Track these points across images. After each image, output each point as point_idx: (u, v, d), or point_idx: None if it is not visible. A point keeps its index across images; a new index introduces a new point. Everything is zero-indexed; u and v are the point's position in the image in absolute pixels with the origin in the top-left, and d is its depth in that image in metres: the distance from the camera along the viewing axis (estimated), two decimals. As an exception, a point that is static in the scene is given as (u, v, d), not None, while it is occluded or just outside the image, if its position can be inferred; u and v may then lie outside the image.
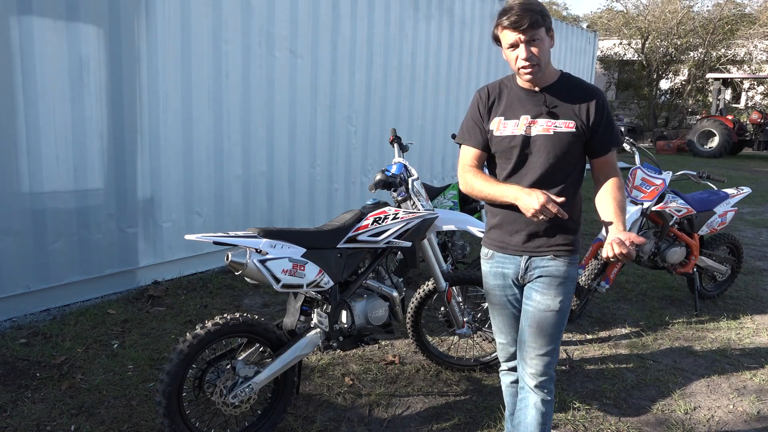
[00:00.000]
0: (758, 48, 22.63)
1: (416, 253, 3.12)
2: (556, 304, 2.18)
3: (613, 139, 2.14)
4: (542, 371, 2.23)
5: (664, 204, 4.30)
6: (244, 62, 5.17)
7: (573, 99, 2.12)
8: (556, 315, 2.19)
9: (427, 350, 3.50)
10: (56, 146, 4.06)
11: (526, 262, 2.22)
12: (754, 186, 11.57)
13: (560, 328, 2.22)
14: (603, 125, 2.11)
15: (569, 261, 2.20)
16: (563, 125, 2.10)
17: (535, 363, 2.23)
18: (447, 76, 7.92)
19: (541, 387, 2.25)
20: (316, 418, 2.97)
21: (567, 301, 2.21)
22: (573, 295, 2.25)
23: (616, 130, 2.15)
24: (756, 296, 5.11)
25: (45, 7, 3.87)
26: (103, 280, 4.51)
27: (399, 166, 3.14)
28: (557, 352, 2.26)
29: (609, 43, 25.04)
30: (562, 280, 2.18)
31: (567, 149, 2.11)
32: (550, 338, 2.21)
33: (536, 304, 2.20)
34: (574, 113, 2.11)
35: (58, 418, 2.89)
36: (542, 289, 2.19)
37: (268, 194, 5.62)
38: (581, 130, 2.10)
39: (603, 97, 2.13)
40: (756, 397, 3.36)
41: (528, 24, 1.99)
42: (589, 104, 2.10)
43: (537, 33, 2.02)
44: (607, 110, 2.12)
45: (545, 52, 2.06)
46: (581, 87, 2.14)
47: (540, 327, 2.20)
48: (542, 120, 2.12)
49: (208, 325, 2.51)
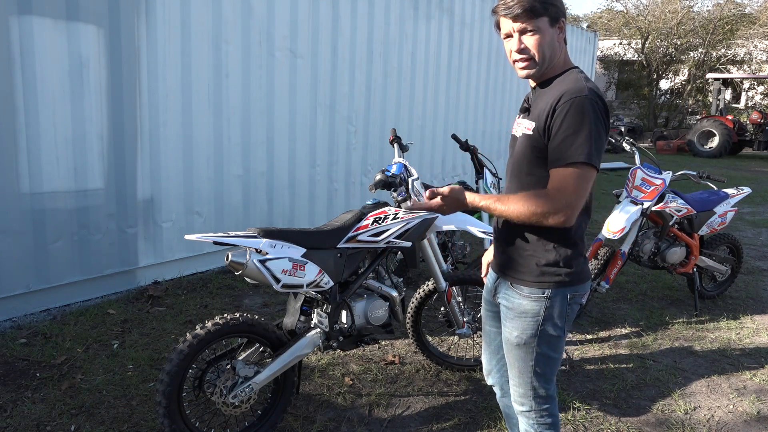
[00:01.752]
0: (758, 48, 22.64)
1: (416, 253, 3.12)
2: (513, 338, 1.92)
3: (556, 154, 1.70)
4: (520, 401, 2.01)
5: (664, 204, 4.30)
6: (244, 62, 5.17)
7: (546, 99, 1.78)
8: (517, 349, 1.92)
9: (427, 350, 3.50)
10: (56, 146, 4.06)
11: (495, 282, 2.03)
12: (754, 186, 11.57)
13: (527, 363, 1.92)
14: (555, 133, 1.71)
15: (529, 293, 1.85)
16: (528, 127, 1.82)
17: (513, 391, 2.03)
18: (447, 76, 7.92)
19: (525, 416, 2.02)
20: (316, 418, 2.97)
21: (527, 337, 1.88)
22: (541, 334, 1.87)
23: (567, 146, 1.68)
24: (756, 296, 5.11)
25: (45, 7, 3.87)
26: (103, 280, 4.51)
27: (399, 166, 3.14)
28: (535, 389, 1.96)
29: (609, 43, 25.05)
30: (518, 313, 1.89)
31: (527, 154, 1.81)
32: (518, 371, 1.96)
33: (502, 333, 2.00)
34: (538, 114, 1.78)
35: (58, 418, 2.89)
36: (503, 317, 1.98)
37: (268, 194, 5.62)
38: (537, 134, 1.77)
39: (570, 100, 1.69)
40: (756, 397, 3.36)
41: (521, 11, 1.72)
42: (550, 107, 1.73)
43: (534, 23, 1.73)
44: (564, 117, 1.69)
45: (545, 45, 1.75)
46: (559, 88, 1.76)
47: (507, 357, 2.00)
48: (522, 119, 1.89)
49: (208, 325, 2.51)
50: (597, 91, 1.73)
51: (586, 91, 1.70)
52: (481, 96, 8.79)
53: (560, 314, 1.86)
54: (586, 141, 1.67)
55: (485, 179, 4.60)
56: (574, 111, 1.68)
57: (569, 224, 1.73)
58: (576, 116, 1.67)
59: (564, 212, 1.69)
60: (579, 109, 1.68)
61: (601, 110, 1.71)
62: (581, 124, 1.67)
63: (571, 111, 1.68)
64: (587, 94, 1.69)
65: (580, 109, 1.68)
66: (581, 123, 1.67)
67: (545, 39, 1.76)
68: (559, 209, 1.69)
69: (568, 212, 1.69)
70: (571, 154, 1.67)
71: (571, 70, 1.82)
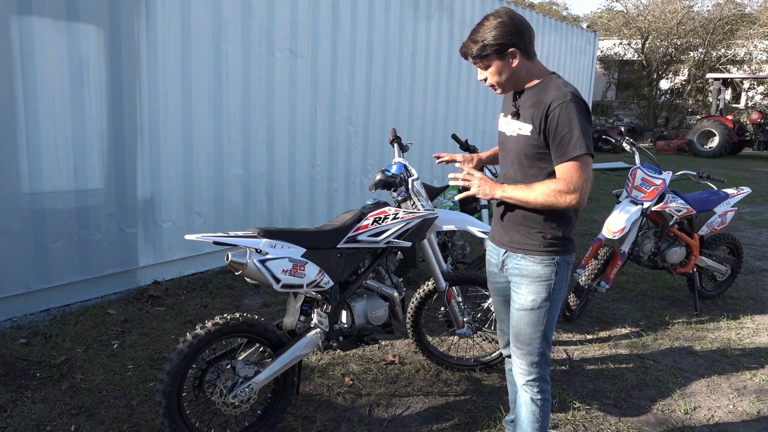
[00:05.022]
0: (758, 48, 22.62)
1: (416, 253, 3.12)
2: (528, 302, 2.22)
3: (559, 152, 2.07)
4: (526, 370, 2.29)
5: (664, 204, 4.30)
6: (244, 62, 5.17)
7: (534, 103, 2.12)
8: (530, 314, 2.23)
9: (427, 350, 3.50)
10: (56, 146, 4.06)
11: (503, 256, 2.33)
12: (754, 186, 11.57)
13: (538, 327, 2.24)
14: (552, 135, 2.07)
15: (541, 260, 2.20)
16: (523, 128, 2.17)
17: (519, 362, 2.30)
18: (447, 76, 7.93)
19: (529, 386, 2.30)
20: (316, 418, 2.97)
21: (541, 300, 2.21)
22: (551, 296, 2.22)
23: (565, 144, 2.05)
24: (756, 296, 5.11)
25: (45, 7, 3.87)
26: (103, 280, 4.51)
27: (399, 166, 3.14)
28: (543, 353, 2.27)
29: (609, 43, 25.04)
30: (534, 278, 2.21)
31: (528, 152, 2.16)
32: (528, 338, 2.25)
33: (513, 303, 2.29)
34: (531, 118, 2.13)
35: (58, 418, 2.89)
36: (515, 288, 2.27)
37: (268, 194, 5.62)
38: (534, 136, 2.12)
39: (558, 106, 2.04)
40: (756, 397, 3.37)
41: (472, 55, 2.13)
42: (542, 111, 2.08)
43: (484, 62, 2.13)
44: (558, 120, 2.04)
45: (502, 74, 2.13)
46: (545, 92, 2.11)
47: (518, 326, 2.27)
48: (512, 120, 2.23)
49: (208, 325, 2.51)
50: (577, 93, 2.11)
51: (570, 96, 2.06)
52: (481, 96, 8.80)
53: (564, 277, 2.25)
54: (580, 136, 2.04)
55: (485, 179, 4.59)
56: (565, 114, 2.05)
57: (581, 205, 2.11)
58: (566, 117, 2.05)
59: (576, 195, 2.08)
60: (568, 111, 2.05)
61: (584, 108, 2.09)
62: (572, 123, 2.04)
63: (562, 114, 2.05)
64: (571, 98, 2.06)
65: (568, 112, 2.05)
66: (572, 122, 2.04)
67: (501, 69, 2.13)
68: (572, 193, 2.08)
69: (580, 195, 2.08)
70: (572, 149, 2.05)
71: (551, 77, 2.16)
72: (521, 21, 2.11)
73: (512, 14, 2.11)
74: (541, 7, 32.04)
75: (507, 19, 2.08)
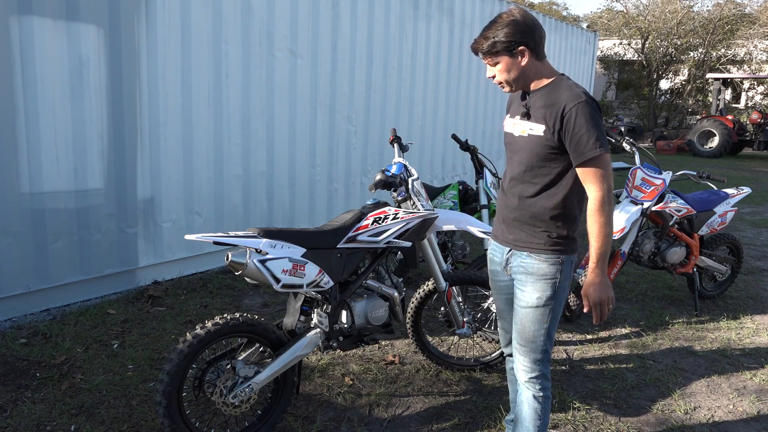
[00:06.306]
0: (758, 48, 22.63)
1: (416, 253, 3.12)
2: (533, 300, 2.24)
3: (577, 153, 2.10)
4: (529, 367, 2.31)
5: (664, 204, 4.30)
6: (244, 62, 5.17)
7: (547, 104, 2.14)
8: (535, 312, 2.25)
9: (427, 350, 3.50)
10: (56, 146, 4.06)
11: (508, 254, 2.35)
12: (754, 186, 11.57)
13: (542, 325, 2.26)
14: (569, 136, 2.09)
15: (547, 259, 2.22)
16: (535, 129, 2.18)
17: (522, 359, 2.32)
18: (447, 76, 7.92)
19: (531, 383, 2.32)
20: (316, 418, 2.97)
21: (546, 298, 2.24)
22: (556, 294, 2.25)
23: (583, 144, 2.07)
24: (756, 296, 5.11)
25: (45, 7, 3.87)
26: (103, 280, 4.51)
27: (399, 166, 3.14)
28: (545, 350, 2.30)
29: (609, 43, 25.04)
30: (539, 276, 2.23)
31: (539, 152, 2.17)
32: (533, 335, 2.27)
33: (518, 301, 2.31)
34: (543, 118, 2.15)
35: (58, 418, 2.89)
36: (520, 285, 2.29)
37: (268, 194, 5.62)
38: (548, 136, 2.13)
39: (574, 107, 2.07)
40: (756, 397, 3.37)
41: (482, 50, 2.15)
42: (556, 112, 2.10)
43: (494, 59, 2.15)
44: (574, 121, 2.07)
45: (511, 71, 2.15)
46: (558, 93, 2.13)
47: (522, 324, 2.29)
48: (522, 121, 2.24)
49: (208, 325, 2.51)
50: (587, 93, 2.13)
51: (584, 96, 2.10)
52: (481, 96, 8.80)
53: (568, 276, 2.27)
54: (598, 137, 2.08)
55: (485, 179, 4.60)
56: (580, 114, 2.07)
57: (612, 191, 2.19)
58: (583, 118, 2.08)
59: (608, 192, 2.14)
60: (582, 112, 2.08)
61: (596, 107, 2.13)
62: (587, 123, 2.08)
63: (579, 115, 2.07)
64: (586, 99, 2.09)
65: (585, 113, 2.08)
66: (588, 122, 2.08)
67: (509, 67, 2.15)
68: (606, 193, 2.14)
69: (610, 191, 2.15)
70: (590, 149, 2.08)
71: (561, 78, 2.18)
72: (533, 21, 2.13)
73: (525, 14, 2.13)
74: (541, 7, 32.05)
75: (519, 17, 2.11)
